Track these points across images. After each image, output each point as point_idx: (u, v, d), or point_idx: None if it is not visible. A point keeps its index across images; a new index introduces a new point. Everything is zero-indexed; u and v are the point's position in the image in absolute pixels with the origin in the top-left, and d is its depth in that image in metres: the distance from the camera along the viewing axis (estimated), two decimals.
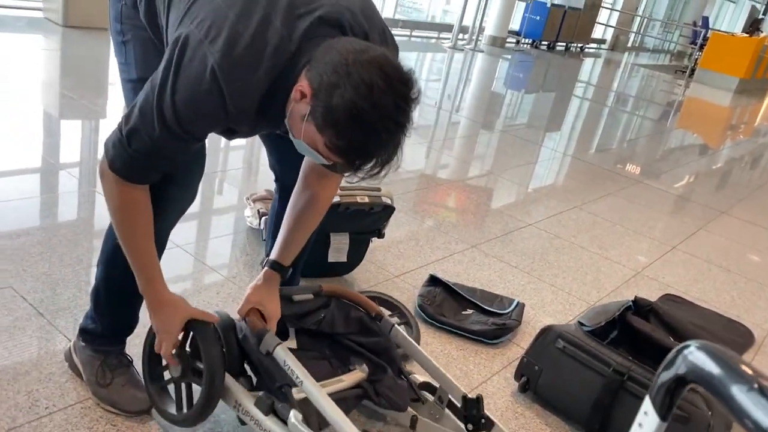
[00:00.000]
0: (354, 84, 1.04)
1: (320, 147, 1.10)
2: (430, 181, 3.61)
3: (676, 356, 0.65)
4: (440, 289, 2.27)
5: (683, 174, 5.28)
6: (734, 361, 0.59)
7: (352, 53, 1.06)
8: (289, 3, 1.13)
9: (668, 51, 18.95)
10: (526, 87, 8.53)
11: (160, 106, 1.12)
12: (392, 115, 1.07)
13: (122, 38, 1.38)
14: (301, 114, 1.11)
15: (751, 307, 2.84)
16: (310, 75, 1.09)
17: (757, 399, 0.55)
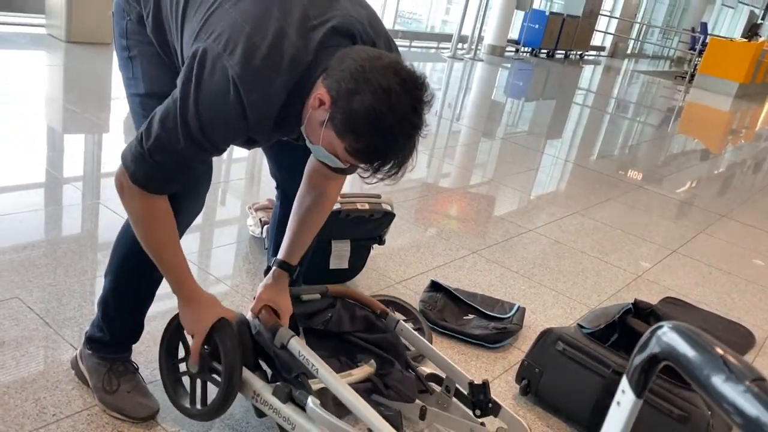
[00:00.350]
0: (372, 89, 1.09)
1: (339, 151, 1.16)
2: (432, 189, 3.64)
3: (651, 337, 0.68)
4: (441, 295, 2.29)
5: (683, 179, 5.30)
6: (702, 339, 0.62)
7: (368, 60, 1.12)
8: (302, 16, 1.17)
9: (668, 57, 19.02)
10: (526, 95, 8.58)
11: (185, 119, 1.15)
12: (409, 117, 1.12)
13: (128, 54, 1.40)
14: (319, 120, 1.15)
15: (751, 308, 2.85)
16: (328, 83, 1.13)
17: (722, 372, 0.57)
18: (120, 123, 3.86)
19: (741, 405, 0.57)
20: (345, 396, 1.33)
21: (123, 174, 1.24)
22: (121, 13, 1.41)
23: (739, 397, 0.57)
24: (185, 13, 1.24)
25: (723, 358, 0.59)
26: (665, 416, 1.61)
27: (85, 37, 5.39)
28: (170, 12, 1.29)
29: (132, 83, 1.42)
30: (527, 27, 11.60)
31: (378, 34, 1.27)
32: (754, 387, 0.57)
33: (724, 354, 0.59)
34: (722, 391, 0.58)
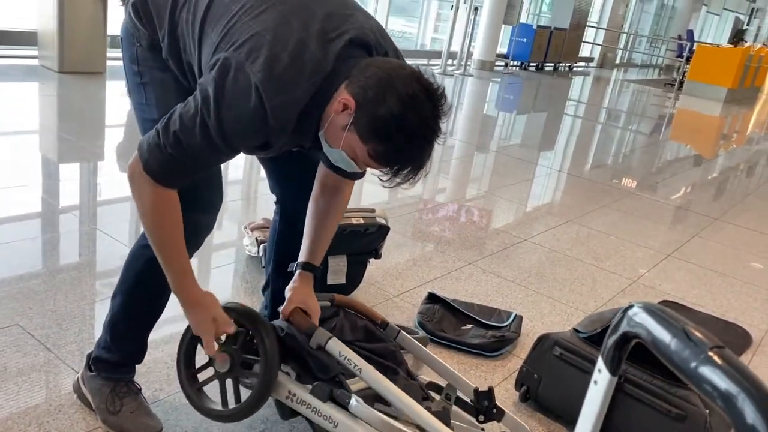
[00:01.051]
0: (398, 95, 1.16)
1: (360, 155, 1.22)
2: (427, 203, 3.67)
3: (622, 317, 0.71)
4: (439, 306, 2.31)
5: (676, 184, 5.34)
6: (667, 315, 0.65)
7: (392, 69, 1.19)
8: (320, 28, 1.22)
9: (656, 65, 19.21)
10: (518, 108, 8.65)
11: (204, 121, 1.19)
12: (431, 123, 1.20)
13: (140, 80, 1.43)
14: (342, 124, 1.21)
15: (747, 309, 2.87)
16: (352, 89, 1.19)
17: (685, 344, 0.60)
18: (114, 150, 3.90)
19: (702, 372, 0.60)
20: (392, 393, 1.38)
21: (137, 162, 1.26)
22: (131, 39, 1.44)
23: (700, 365, 0.60)
24: (203, 28, 1.28)
25: (685, 330, 0.62)
26: (663, 415, 1.63)
27: (77, 67, 5.45)
28: (187, 31, 1.32)
29: (145, 108, 1.45)
30: (515, 41, 11.73)
31: (388, 45, 1.34)
32: (714, 355, 0.61)
33: (686, 327, 0.62)
34: (686, 361, 0.60)
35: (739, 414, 0.60)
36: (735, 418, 0.60)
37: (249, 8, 1.24)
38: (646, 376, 1.70)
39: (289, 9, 1.24)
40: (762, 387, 0.62)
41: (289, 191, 1.73)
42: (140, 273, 1.49)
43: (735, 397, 0.60)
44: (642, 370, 1.71)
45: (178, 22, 1.34)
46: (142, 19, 1.39)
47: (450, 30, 9.53)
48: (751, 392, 0.60)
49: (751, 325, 2.69)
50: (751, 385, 0.61)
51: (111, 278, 2.33)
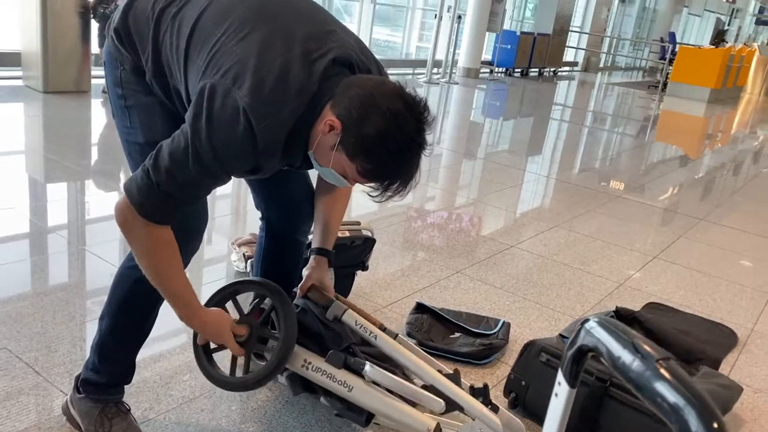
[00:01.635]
0: (382, 113, 1.20)
1: (350, 172, 1.27)
2: (415, 213, 3.69)
3: (579, 331, 0.74)
4: (427, 316, 2.32)
5: (662, 186, 5.39)
6: (619, 329, 0.67)
7: (374, 87, 1.24)
8: (303, 50, 1.25)
9: (640, 68, 19.39)
10: (504, 114, 8.71)
11: (196, 150, 1.20)
12: (415, 138, 1.24)
13: (124, 103, 1.44)
14: (330, 144, 1.25)
15: (733, 308, 2.90)
16: (337, 110, 1.23)
17: (634, 356, 0.63)
18: (101, 170, 3.90)
19: (650, 383, 0.62)
20: (406, 356, 1.51)
21: (128, 207, 1.26)
22: (114, 63, 1.45)
23: (648, 376, 0.62)
24: (188, 54, 1.30)
25: (633, 343, 0.64)
26: (649, 418, 1.65)
27: (61, 87, 5.45)
28: (171, 55, 1.34)
29: (130, 132, 1.45)
30: (500, 48, 11.82)
31: (369, 60, 1.37)
32: (660, 367, 0.63)
33: (635, 340, 0.65)
34: (635, 372, 0.63)
35: (683, 423, 0.62)
36: (679, 426, 0.63)
37: (232, 33, 1.26)
38: None
39: (271, 31, 1.26)
40: (703, 398, 0.64)
41: (275, 208, 1.76)
42: (127, 294, 1.50)
43: (680, 406, 0.63)
44: None
45: (162, 48, 1.35)
46: (124, 44, 1.40)
47: (434, 38, 9.60)
48: (694, 403, 0.63)
49: (737, 324, 2.72)
50: (694, 395, 0.63)
51: (100, 299, 2.33)
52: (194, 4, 1.33)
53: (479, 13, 10.57)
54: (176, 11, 1.34)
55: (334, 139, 1.24)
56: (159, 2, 1.37)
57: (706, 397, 0.64)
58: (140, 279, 1.39)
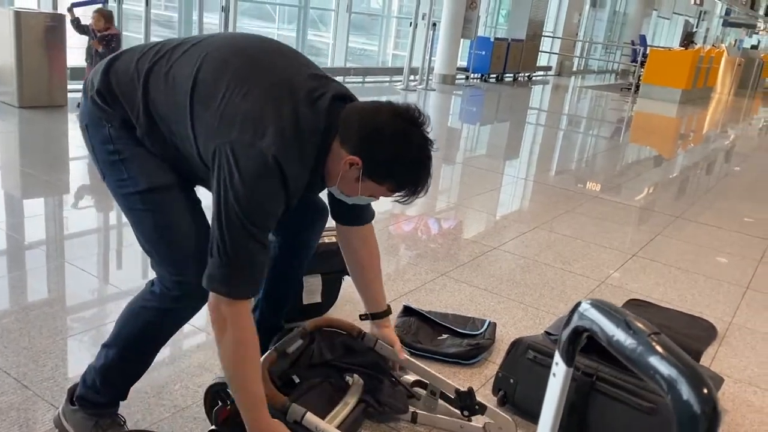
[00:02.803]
0: (390, 138, 1.35)
1: (379, 193, 1.43)
2: (398, 218, 3.72)
3: (573, 313, 0.78)
4: (415, 319, 2.35)
5: (638, 185, 5.50)
6: (611, 309, 0.70)
7: (373, 115, 1.37)
8: (305, 93, 1.36)
9: (612, 71, 19.70)
10: (481, 119, 8.81)
11: (245, 210, 1.27)
12: (423, 144, 1.39)
13: (117, 157, 1.43)
14: (353, 177, 1.39)
15: (711, 302, 2.97)
16: (348, 147, 1.36)
17: (627, 332, 0.66)
18: (79, 183, 3.87)
19: (643, 357, 0.65)
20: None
21: (218, 301, 1.31)
22: (99, 122, 1.44)
23: (641, 351, 0.65)
24: (193, 110, 1.34)
25: (626, 321, 0.68)
26: (635, 410, 1.69)
27: (37, 102, 5.40)
28: (170, 112, 1.37)
29: (127, 184, 1.44)
30: (474, 54, 11.94)
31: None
32: (652, 341, 0.67)
33: (626, 318, 0.68)
34: (629, 349, 0.66)
35: (676, 392, 0.65)
36: (672, 396, 0.66)
37: (235, 88, 1.33)
38: (617, 374, 1.76)
39: (272, 83, 1.35)
40: (693, 367, 0.67)
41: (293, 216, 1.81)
42: (138, 334, 1.50)
43: (672, 377, 0.66)
44: (612, 368, 1.77)
45: (155, 105, 1.38)
46: (108, 103, 1.42)
47: (410, 46, 9.68)
48: (685, 372, 0.66)
49: (716, 318, 2.78)
50: (685, 365, 0.66)
51: (83, 312, 2.32)
52: (185, 62, 1.38)
53: (453, 20, 10.68)
54: (167, 70, 1.38)
55: (356, 173, 1.37)
56: (143, 61, 1.40)
57: (696, 366, 0.68)
58: (151, 323, 1.46)
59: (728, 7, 25.44)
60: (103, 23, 5.34)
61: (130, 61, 1.42)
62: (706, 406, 0.64)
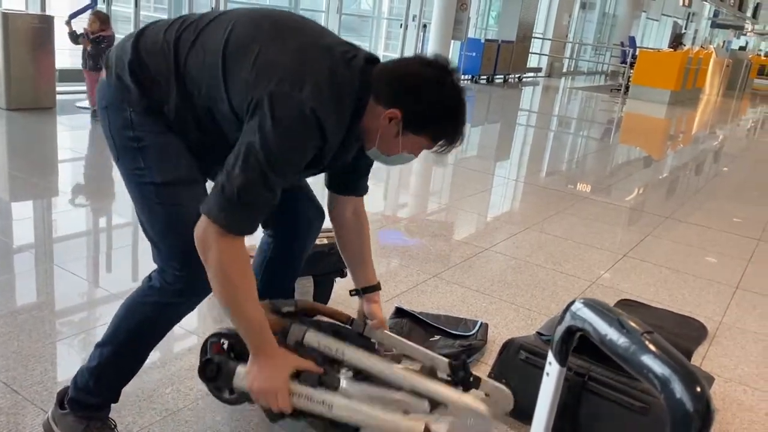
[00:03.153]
0: (425, 87, 1.36)
1: (423, 146, 1.44)
2: (389, 220, 3.72)
3: (566, 312, 0.77)
4: (407, 320, 2.35)
5: (628, 186, 5.52)
6: (603, 308, 0.70)
7: (402, 68, 1.40)
8: (340, 54, 1.39)
9: (602, 72, 19.79)
10: (472, 120, 8.82)
11: (269, 154, 1.28)
12: (457, 87, 1.40)
13: (137, 144, 1.41)
14: (393, 134, 1.40)
15: (701, 302, 2.99)
16: (385, 101, 1.37)
17: (620, 331, 0.66)
18: (68, 186, 3.84)
19: (636, 355, 0.65)
20: (377, 365, 1.49)
21: (208, 224, 1.30)
22: (119, 105, 1.42)
23: (634, 349, 0.66)
24: (225, 66, 1.36)
25: (619, 320, 0.68)
26: (627, 410, 1.69)
27: (25, 104, 5.36)
28: (202, 76, 1.38)
29: (143, 173, 1.42)
30: (465, 55, 11.97)
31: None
32: (645, 339, 0.67)
33: (620, 317, 0.68)
34: (622, 348, 0.66)
35: (669, 390, 0.65)
36: (665, 394, 0.66)
37: (270, 45, 1.35)
38: (609, 374, 1.76)
39: (305, 43, 1.39)
40: (686, 366, 0.67)
41: (286, 223, 1.82)
42: (135, 330, 1.49)
43: (666, 376, 0.66)
44: (604, 367, 1.78)
45: (188, 71, 1.39)
46: (139, 79, 1.40)
47: (401, 47, 9.69)
48: (678, 370, 0.66)
49: (706, 317, 2.80)
50: (678, 364, 0.67)
51: (73, 315, 2.30)
52: (215, 27, 1.40)
53: (444, 21, 10.70)
54: (194, 38, 1.40)
55: (396, 127, 1.38)
56: (170, 32, 1.42)
57: (689, 365, 0.68)
58: (148, 319, 1.46)
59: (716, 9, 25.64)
60: (98, 25, 5.31)
61: (157, 32, 1.43)
62: (700, 405, 0.64)
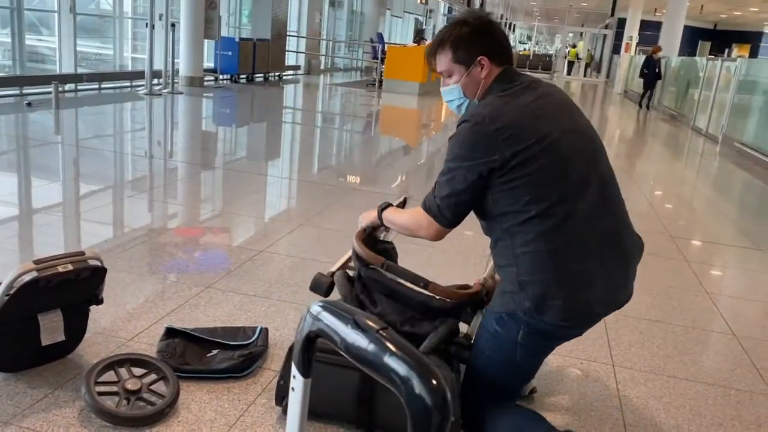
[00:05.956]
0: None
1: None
2: (155, 232, 3.44)
3: (305, 318, 0.74)
4: (180, 339, 2.16)
5: (392, 174, 5.83)
6: (339, 308, 0.68)
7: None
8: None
9: (357, 68, 20.72)
10: (236, 121, 8.62)
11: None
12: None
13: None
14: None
15: (466, 274, 3.24)
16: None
17: (355, 331, 0.64)
18: None
19: (371, 352, 0.64)
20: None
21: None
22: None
23: (368, 347, 0.64)
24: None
25: (354, 319, 0.66)
26: None
27: None
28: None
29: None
30: (221, 55, 11.64)
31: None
32: (379, 336, 0.65)
33: (355, 316, 0.66)
34: (358, 347, 0.64)
35: (408, 386, 0.64)
36: (406, 391, 0.65)
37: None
38: None
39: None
40: (422, 361, 0.67)
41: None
42: None
43: (403, 372, 0.65)
44: None
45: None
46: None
47: (149, 48, 9.08)
48: (413, 365, 0.65)
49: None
50: (413, 359, 0.66)
51: None
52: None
53: (193, 20, 10.27)
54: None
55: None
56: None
57: (424, 359, 0.67)
58: None
59: (449, 6, 28.27)
60: None
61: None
62: (437, 398, 0.63)
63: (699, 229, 4.90)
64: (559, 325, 1.66)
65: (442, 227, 1.74)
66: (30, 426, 1.73)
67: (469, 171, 1.63)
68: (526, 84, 1.73)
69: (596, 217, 1.67)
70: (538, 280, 1.63)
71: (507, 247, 1.68)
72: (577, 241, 1.64)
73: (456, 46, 1.75)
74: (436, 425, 0.62)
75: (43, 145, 5.57)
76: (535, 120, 1.64)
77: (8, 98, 7.74)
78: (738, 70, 10.16)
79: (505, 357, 1.74)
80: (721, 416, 2.13)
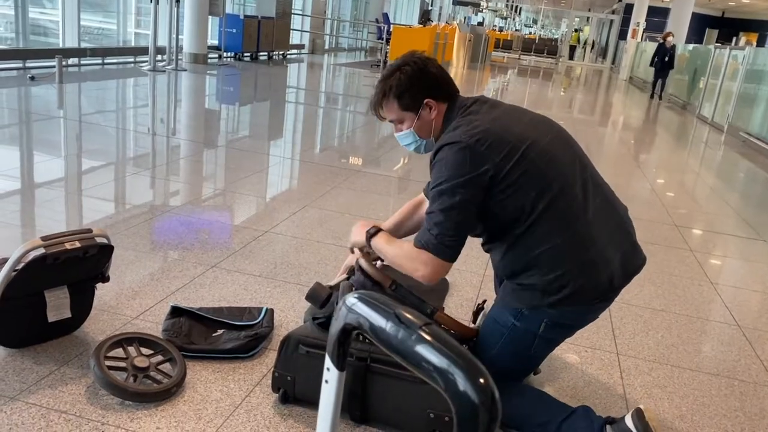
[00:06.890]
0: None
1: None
2: (159, 210, 3.42)
3: (341, 310, 0.73)
4: (185, 318, 2.16)
5: (394, 156, 5.79)
6: (380, 302, 0.67)
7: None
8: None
9: (362, 48, 20.56)
10: (240, 99, 8.56)
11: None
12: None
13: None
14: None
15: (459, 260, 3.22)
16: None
17: (398, 327, 0.63)
18: None
19: (416, 350, 0.63)
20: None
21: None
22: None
23: (413, 345, 0.63)
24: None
25: (396, 314, 0.64)
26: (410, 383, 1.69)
27: None
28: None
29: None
30: (225, 32, 11.56)
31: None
32: (423, 332, 0.64)
33: (396, 310, 0.65)
34: (401, 343, 0.63)
35: (451, 383, 0.63)
36: (448, 388, 0.64)
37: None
38: None
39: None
40: (467, 356, 0.66)
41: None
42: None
43: (446, 368, 0.64)
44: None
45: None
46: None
47: (153, 24, 9.00)
48: (459, 362, 0.64)
49: (472, 272, 3.03)
50: (458, 356, 0.65)
51: None
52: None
53: None
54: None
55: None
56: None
57: (470, 356, 0.66)
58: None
59: None
60: None
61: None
62: (485, 396, 0.62)
63: (703, 218, 4.89)
64: (590, 307, 1.73)
65: (443, 261, 1.67)
66: (36, 402, 1.73)
67: (464, 186, 1.64)
68: (483, 101, 1.81)
69: (592, 194, 1.72)
70: (562, 273, 1.65)
71: (521, 253, 1.69)
72: (586, 224, 1.67)
73: (399, 94, 1.81)
74: (484, 424, 0.61)
75: (47, 120, 5.54)
76: (509, 126, 1.71)
77: (11, 71, 7.69)
78: (746, 58, 10.08)
79: (519, 349, 1.77)
80: (725, 407, 2.14)
